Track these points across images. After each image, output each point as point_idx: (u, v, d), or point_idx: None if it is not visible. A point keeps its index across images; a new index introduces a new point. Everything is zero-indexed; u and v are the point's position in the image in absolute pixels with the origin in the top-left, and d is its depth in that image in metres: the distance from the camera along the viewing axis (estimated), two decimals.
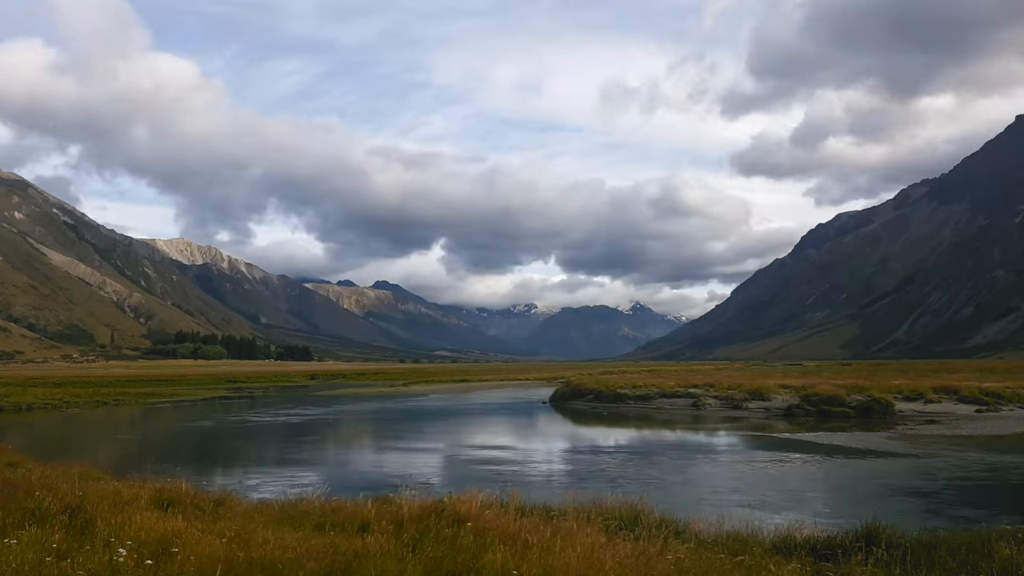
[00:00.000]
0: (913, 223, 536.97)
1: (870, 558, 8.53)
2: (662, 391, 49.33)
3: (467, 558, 7.19)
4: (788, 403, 42.57)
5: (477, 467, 24.25)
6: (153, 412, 51.35)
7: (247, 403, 61.11)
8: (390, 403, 60.34)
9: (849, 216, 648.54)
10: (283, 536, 8.11)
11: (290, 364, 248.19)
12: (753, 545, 9.19)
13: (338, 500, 11.53)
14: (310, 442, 34.23)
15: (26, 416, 46.70)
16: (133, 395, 64.44)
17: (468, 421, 46.57)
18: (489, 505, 10.43)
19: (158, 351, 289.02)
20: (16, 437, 33.46)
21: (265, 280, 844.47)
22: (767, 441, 30.36)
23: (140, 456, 25.89)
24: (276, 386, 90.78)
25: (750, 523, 10.71)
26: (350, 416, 48.82)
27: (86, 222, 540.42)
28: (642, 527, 9.85)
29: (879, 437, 30.46)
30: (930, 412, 39.64)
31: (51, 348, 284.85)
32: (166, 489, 11.24)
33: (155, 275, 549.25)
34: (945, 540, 9.12)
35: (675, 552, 8.14)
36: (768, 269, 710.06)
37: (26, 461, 16.72)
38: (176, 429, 41.63)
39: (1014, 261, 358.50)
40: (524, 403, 60.06)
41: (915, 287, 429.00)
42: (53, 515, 8.37)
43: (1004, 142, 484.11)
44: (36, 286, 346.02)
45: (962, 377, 54.29)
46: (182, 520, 8.59)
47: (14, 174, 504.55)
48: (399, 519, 9.32)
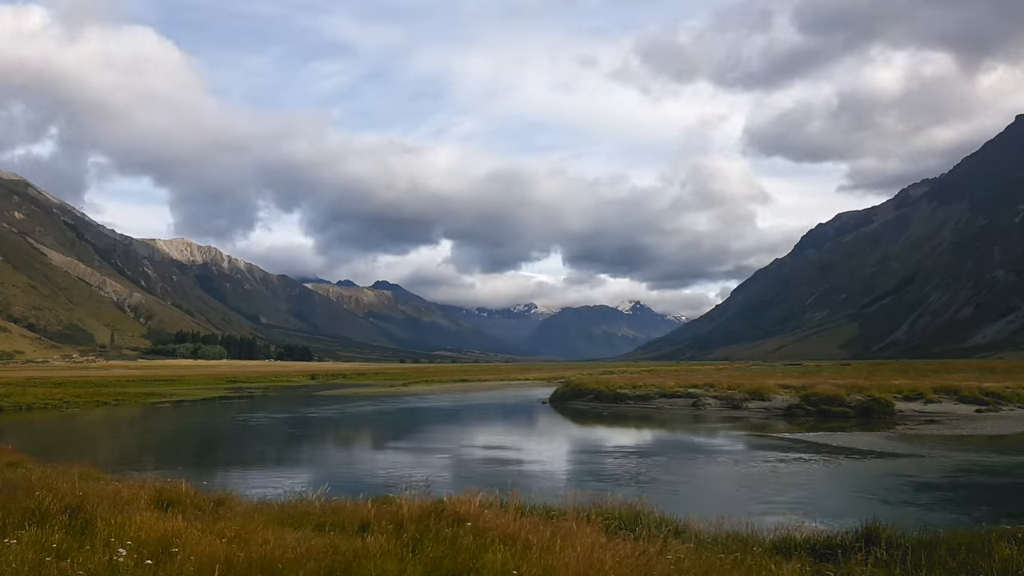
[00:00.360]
0: (913, 223, 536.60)
1: (870, 558, 8.53)
2: (662, 391, 49.33)
3: (467, 558, 7.19)
4: (788, 403, 42.58)
5: (477, 467, 24.25)
6: (153, 412, 51.34)
7: (247, 403, 61.12)
8: (390, 403, 60.32)
9: (849, 216, 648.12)
10: (283, 536, 8.12)
11: (290, 364, 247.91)
12: (753, 545, 9.19)
13: (338, 500, 11.54)
14: (310, 442, 34.25)
15: (26, 416, 46.69)
16: (133, 395, 64.42)
17: (468, 421, 46.57)
18: (489, 505, 10.44)
19: (158, 351, 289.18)
20: (16, 437, 33.43)
21: (265, 280, 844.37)
22: (767, 441, 30.36)
23: (140, 456, 25.91)
24: (276, 386, 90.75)
25: (750, 523, 10.71)
26: (350, 416, 48.80)
27: (86, 222, 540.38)
28: (642, 527, 9.86)
29: (879, 437, 30.47)
30: (930, 412, 39.64)
31: (51, 348, 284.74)
32: (166, 489, 11.25)
33: (155, 275, 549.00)
34: (945, 540, 9.12)
35: (675, 552, 8.14)
36: (768, 269, 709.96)
37: (26, 461, 16.73)
38: (176, 429, 41.65)
39: (1014, 261, 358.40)
40: (524, 403, 60.07)
41: (915, 287, 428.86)
42: (53, 515, 8.38)
43: (1004, 142, 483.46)
44: (36, 286, 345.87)
45: (962, 377, 54.28)
46: (182, 520, 8.60)
47: (14, 174, 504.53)
48: (399, 519, 9.32)
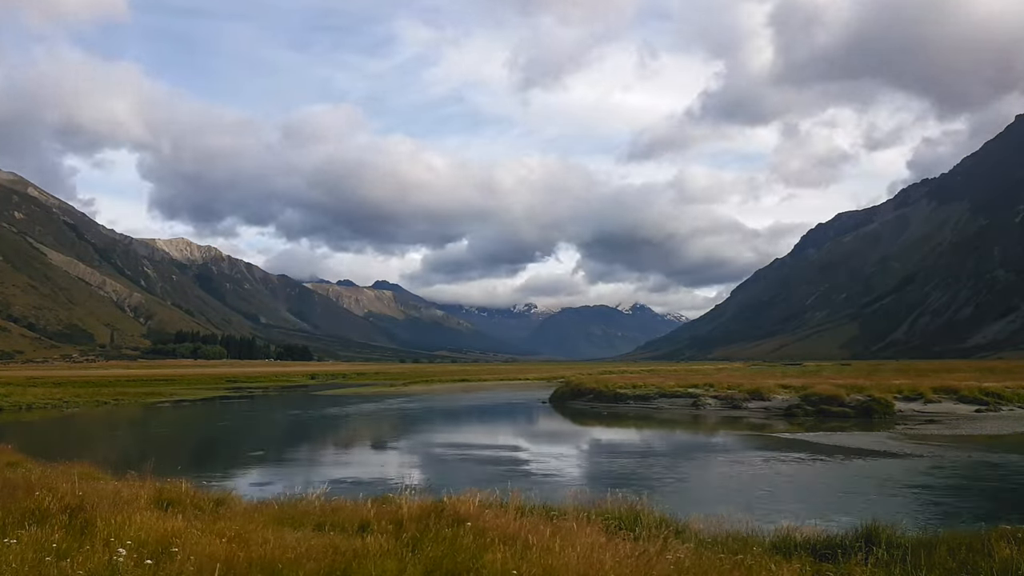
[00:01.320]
0: (913, 223, 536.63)
1: (870, 558, 8.53)
2: (662, 391, 49.33)
3: (467, 558, 7.18)
4: (788, 403, 42.57)
5: (476, 467, 24.25)
6: (153, 412, 51.34)
7: (247, 403, 61.12)
8: (390, 403, 60.32)
9: (849, 216, 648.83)
10: (283, 536, 8.11)
11: (290, 364, 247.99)
12: (753, 545, 9.18)
13: (338, 500, 11.54)
14: (310, 442, 34.25)
15: (26, 416, 46.69)
16: (133, 395, 64.44)
17: (468, 421, 46.58)
18: (489, 505, 10.43)
19: (158, 351, 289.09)
20: (16, 437, 33.42)
21: (265, 280, 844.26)
22: (766, 441, 30.35)
23: (140, 456, 25.89)
24: (276, 386, 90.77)
25: (750, 523, 10.70)
26: (350, 416, 48.80)
27: (86, 222, 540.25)
28: (642, 527, 9.86)
29: (879, 437, 30.46)
30: (930, 412, 39.64)
31: (51, 348, 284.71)
32: (166, 489, 11.25)
33: (155, 275, 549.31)
34: (945, 540, 9.11)
35: (675, 552, 8.13)
36: (768, 269, 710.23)
37: (26, 461, 16.72)
38: (176, 429, 41.64)
39: (1014, 261, 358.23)
40: (524, 403, 60.06)
41: (915, 287, 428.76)
42: (53, 515, 8.37)
43: (1004, 142, 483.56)
44: (36, 286, 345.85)
45: (962, 377, 54.24)
46: (182, 520, 8.60)
47: (14, 174, 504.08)
48: (399, 519, 9.32)
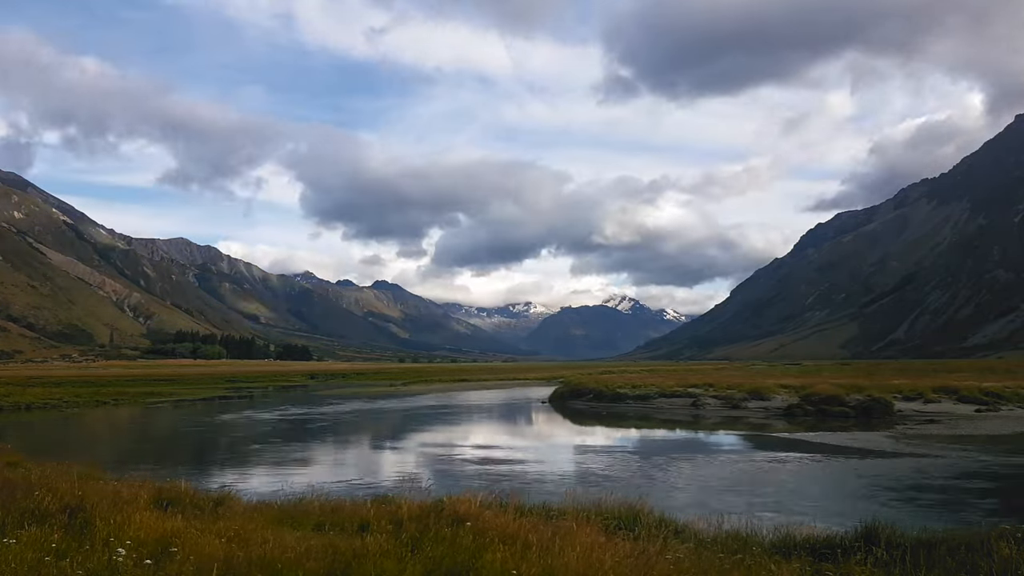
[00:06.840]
0: (912, 223, 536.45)
1: (870, 558, 8.52)
2: (661, 391, 49.33)
3: (467, 558, 7.18)
4: (787, 403, 42.55)
5: (476, 467, 24.23)
6: (153, 412, 51.32)
7: (247, 402, 61.10)
8: (390, 403, 60.31)
9: (848, 215, 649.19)
10: (283, 536, 8.11)
11: (289, 364, 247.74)
12: (753, 545, 9.19)
13: (337, 500, 11.56)
14: (310, 442, 34.22)
15: (26, 416, 46.67)
16: (133, 395, 64.38)
17: (467, 421, 46.57)
18: (488, 505, 10.44)
19: (157, 351, 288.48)
20: (16, 436, 33.44)
21: (265, 279, 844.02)
22: (766, 441, 30.36)
23: (140, 456, 25.92)
24: (275, 386, 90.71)
25: (749, 523, 10.71)
26: (349, 416, 48.79)
27: (86, 222, 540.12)
28: (641, 527, 9.86)
29: (879, 437, 30.45)
30: (930, 412, 39.65)
31: (51, 348, 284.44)
32: (165, 489, 11.26)
33: (154, 275, 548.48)
34: (945, 540, 9.11)
35: (674, 552, 8.14)
36: (767, 268, 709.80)
37: (25, 460, 16.71)
38: (176, 429, 41.63)
39: (1014, 261, 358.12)
40: (523, 403, 60.06)
41: (914, 287, 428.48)
42: (52, 514, 8.38)
43: (1004, 142, 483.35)
44: (36, 286, 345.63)
45: (961, 377, 54.30)
46: (181, 520, 8.60)
47: (14, 173, 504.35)
48: (398, 519, 9.32)
